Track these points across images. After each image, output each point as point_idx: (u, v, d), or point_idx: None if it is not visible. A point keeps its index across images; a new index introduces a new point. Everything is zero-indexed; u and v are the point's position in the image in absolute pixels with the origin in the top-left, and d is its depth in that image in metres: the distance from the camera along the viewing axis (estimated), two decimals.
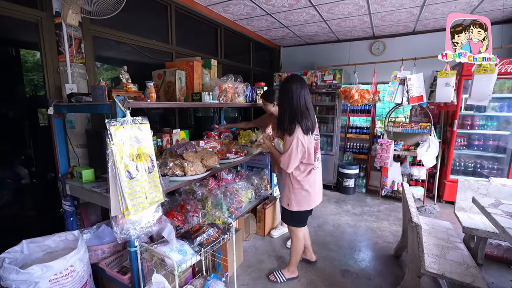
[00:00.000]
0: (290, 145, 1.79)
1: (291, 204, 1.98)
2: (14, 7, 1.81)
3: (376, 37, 4.65)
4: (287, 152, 1.82)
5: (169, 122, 3.32)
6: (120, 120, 1.37)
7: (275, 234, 2.89)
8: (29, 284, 1.32)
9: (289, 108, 1.82)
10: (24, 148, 2.35)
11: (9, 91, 2.44)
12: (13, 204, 2.24)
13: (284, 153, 1.84)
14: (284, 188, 2.03)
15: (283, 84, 1.86)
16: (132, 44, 2.69)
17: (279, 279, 2.14)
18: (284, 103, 1.83)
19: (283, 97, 1.85)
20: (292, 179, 1.95)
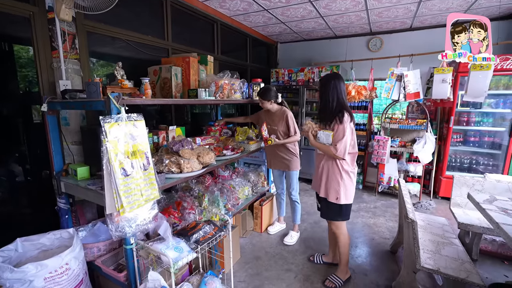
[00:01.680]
0: (344, 132, 1.81)
1: (340, 197, 1.93)
2: (5, 2, 1.78)
3: (373, 33, 4.64)
4: (342, 139, 1.81)
5: (165, 119, 3.30)
6: (115, 117, 1.35)
7: (272, 230, 2.89)
8: (23, 282, 1.31)
9: (337, 99, 1.88)
10: (18, 145, 2.32)
11: (2, 87, 2.40)
12: (7, 202, 2.22)
13: (339, 140, 1.82)
14: (331, 181, 1.95)
15: (328, 79, 1.90)
16: (127, 40, 2.65)
17: (337, 283, 2.06)
18: (330, 95, 1.87)
19: (330, 90, 1.88)
20: (342, 171, 1.92)
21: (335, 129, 1.84)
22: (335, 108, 1.88)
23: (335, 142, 1.85)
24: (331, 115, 1.87)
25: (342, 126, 1.82)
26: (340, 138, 1.82)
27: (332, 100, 1.89)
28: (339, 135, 1.83)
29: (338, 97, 1.89)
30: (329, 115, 1.89)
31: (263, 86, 2.63)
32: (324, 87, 1.90)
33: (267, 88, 2.49)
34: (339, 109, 1.88)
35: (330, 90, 1.88)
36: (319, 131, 1.92)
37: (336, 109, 1.88)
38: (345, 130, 1.82)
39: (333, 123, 1.86)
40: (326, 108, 1.90)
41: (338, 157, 1.85)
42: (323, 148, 1.92)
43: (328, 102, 1.89)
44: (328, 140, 1.88)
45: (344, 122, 1.83)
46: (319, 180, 2.03)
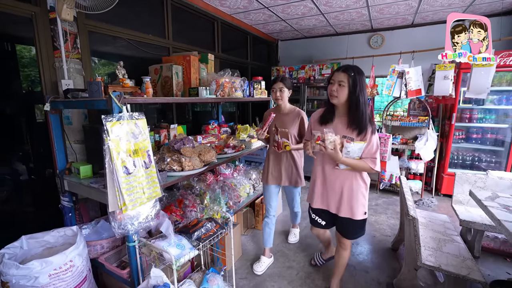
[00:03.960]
0: (377, 142, 1.56)
1: (366, 210, 1.72)
2: (7, 2, 1.79)
3: (374, 30, 4.61)
4: (376, 151, 1.56)
5: (166, 117, 3.31)
6: (117, 115, 1.37)
7: (259, 269, 2.31)
8: (29, 279, 1.33)
9: (365, 103, 1.52)
10: (22, 144, 2.35)
11: (6, 87, 2.42)
12: (12, 200, 2.25)
13: (376, 152, 1.55)
14: (356, 197, 1.65)
15: (360, 73, 1.52)
16: (128, 39, 2.66)
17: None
18: (364, 96, 1.51)
19: (363, 90, 1.51)
20: (365, 183, 1.68)
21: (369, 139, 1.52)
22: (369, 114, 1.54)
23: (371, 155, 1.55)
24: (365, 123, 1.51)
25: (376, 137, 1.55)
26: (376, 149, 1.55)
27: (365, 103, 1.52)
28: (373, 145, 1.54)
29: (366, 100, 1.54)
30: (363, 123, 1.51)
31: (283, 76, 2.35)
32: (357, 83, 1.48)
33: (287, 78, 2.17)
34: (370, 116, 1.56)
35: (363, 90, 1.50)
36: (349, 144, 1.49)
37: (369, 116, 1.54)
38: (377, 140, 1.57)
39: (366, 133, 1.51)
40: (359, 113, 1.50)
41: (373, 171, 1.57)
42: (357, 165, 1.55)
43: (363, 105, 1.50)
44: (358, 153, 1.54)
45: (375, 131, 1.56)
46: (337, 199, 1.69)
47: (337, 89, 1.51)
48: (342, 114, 1.60)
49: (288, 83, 2.12)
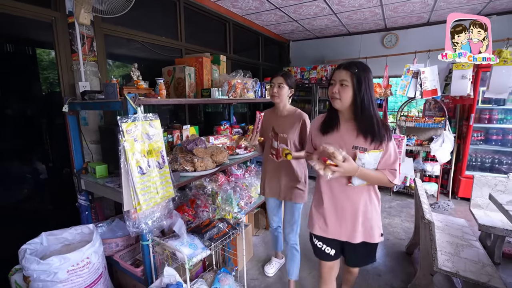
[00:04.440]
0: (395, 150, 1.31)
1: (381, 230, 1.46)
2: (30, 8, 1.86)
3: (388, 29, 4.52)
4: (396, 161, 1.31)
5: (179, 118, 3.36)
6: (132, 117, 1.40)
7: (270, 271, 2.31)
8: (48, 274, 1.38)
9: (373, 104, 1.27)
10: (42, 144, 2.44)
11: (27, 89, 2.52)
12: (32, 198, 2.34)
13: (395, 162, 1.30)
14: (371, 218, 1.37)
15: (367, 71, 1.25)
16: (142, 41, 2.72)
17: None
18: (368, 98, 1.24)
19: (371, 89, 1.26)
20: (379, 196, 1.43)
21: (386, 147, 1.27)
22: (380, 117, 1.29)
23: (389, 166, 1.29)
24: (378, 128, 1.25)
25: (393, 144, 1.31)
26: (394, 159, 1.30)
27: (374, 104, 1.27)
28: (392, 154, 1.29)
29: (374, 100, 1.30)
30: (375, 128, 1.25)
31: (286, 70, 1.93)
32: (362, 81, 1.22)
33: (290, 73, 1.85)
34: (380, 118, 1.30)
35: (371, 88, 1.25)
36: (362, 155, 1.24)
37: (381, 119, 1.29)
38: (394, 147, 1.31)
39: (381, 140, 1.24)
40: (369, 117, 1.24)
41: (392, 184, 1.32)
42: (375, 178, 1.28)
43: (372, 107, 1.25)
44: (374, 165, 1.29)
45: (392, 137, 1.31)
46: (350, 225, 1.37)
47: (339, 90, 1.24)
48: (348, 119, 1.31)
49: (290, 80, 1.78)
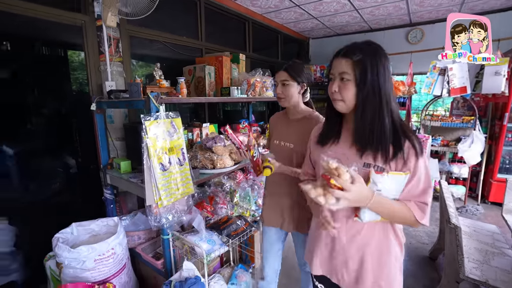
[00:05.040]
0: (426, 172, 0.87)
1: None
2: (63, 13, 1.98)
3: (413, 24, 4.32)
4: (427, 190, 0.87)
5: (199, 116, 3.43)
6: (154, 115, 1.45)
7: None
8: (78, 262, 1.47)
9: (388, 103, 0.86)
10: (72, 140, 2.59)
11: (59, 89, 2.69)
12: (63, 191, 2.50)
13: (427, 190, 0.88)
14: (388, 267, 0.95)
15: (372, 55, 0.84)
16: (164, 41, 2.80)
17: None
18: (379, 93, 0.84)
19: (382, 80, 0.84)
20: (402, 241, 1.01)
21: (414, 168, 0.85)
22: (401, 122, 0.89)
23: (417, 196, 0.88)
24: (393, 139, 0.86)
25: (424, 162, 0.87)
26: (426, 185, 0.87)
27: (389, 102, 0.85)
28: (423, 178, 0.87)
29: (390, 97, 0.87)
30: (386, 138, 0.85)
31: (293, 60, 1.40)
32: (368, 70, 0.83)
33: (299, 64, 1.37)
34: (401, 121, 0.89)
35: (384, 79, 0.84)
36: (379, 176, 0.84)
37: (403, 124, 0.89)
38: (426, 169, 0.88)
39: (404, 157, 0.84)
40: (380, 123, 0.84)
41: (419, 225, 0.88)
42: (396, 213, 0.87)
43: (387, 108, 0.85)
44: (395, 194, 0.87)
45: (424, 153, 0.88)
46: (354, 273, 0.96)
47: (339, 88, 0.87)
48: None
49: (297, 73, 1.32)
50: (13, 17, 1.80)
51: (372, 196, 0.80)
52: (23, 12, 1.78)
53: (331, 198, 0.76)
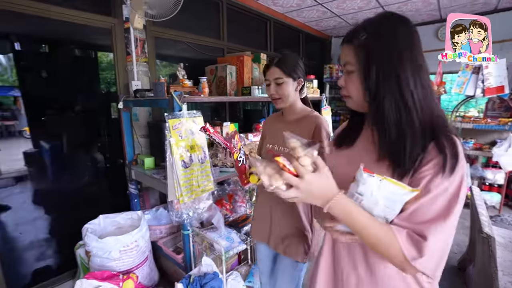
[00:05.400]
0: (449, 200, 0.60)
1: None
2: (95, 17, 2.09)
3: (444, 20, 4.08)
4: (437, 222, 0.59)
5: (219, 115, 3.48)
6: (177, 113, 1.49)
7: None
8: (104, 251, 1.56)
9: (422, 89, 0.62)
10: (100, 137, 2.74)
11: (90, 88, 2.85)
12: (92, 184, 2.65)
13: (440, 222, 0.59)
14: None
15: (380, 35, 0.63)
16: (188, 42, 2.87)
17: None
18: (401, 82, 0.61)
19: (401, 68, 0.61)
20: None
21: (430, 184, 0.59)
22: (422, 115, 0.62)
23: (419, 224, 0.59)
24: (414, 144, 0.61)
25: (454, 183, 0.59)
26: (444, 214, 0.59)
27: (403, 95, 0.61)
28: (441, 203, 0.59)
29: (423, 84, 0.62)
30: (402, 143, 0.62)
31: (283, 53, 1.21)
32: (376, 56, 0.63)
33: (291, 56, 1.20)
34: (431, 118, 0.63)
35: (400, 65, 0.61)
36: (370, 177, 0.59)
37: (426, 118, 0.62)
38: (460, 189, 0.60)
39: (421, 170, 0.61)
40: (389, 120, 0.63)
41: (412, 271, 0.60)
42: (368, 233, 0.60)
43: (404, 105, 0.62)
44: (390, 211, 0.61)
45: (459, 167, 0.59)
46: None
47: (345, 81, 0.71)
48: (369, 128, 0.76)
49: (290, 67, 1.14)
50: (51, 22, 1.93)
51: (335, 195, 0.59)
52: (61, 17, 1.90)
53: (277, 181, 0.58)
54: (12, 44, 2.90)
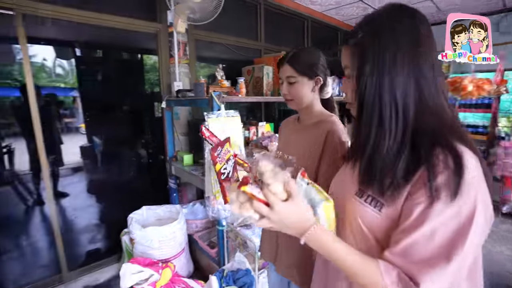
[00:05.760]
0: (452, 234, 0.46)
1: None
2: (143, 23, 2.27)
3: (509, 10, 3.63)
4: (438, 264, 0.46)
5: (255, 115, 3.53)
6: (216, 113, 1.55)
7: None
8: (146, 240, 1.68)
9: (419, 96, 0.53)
10: (144, 134, 2.96)
11: (136, 89, 3.08)
12: (136, 178, 2.87)
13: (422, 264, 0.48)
14: None
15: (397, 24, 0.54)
16: (227, 44, 2.96)
17: None
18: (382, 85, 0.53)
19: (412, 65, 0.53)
20: None
21: (426, 213, 0.47)
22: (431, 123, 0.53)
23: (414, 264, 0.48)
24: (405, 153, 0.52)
25: (466, 206, 0.46)
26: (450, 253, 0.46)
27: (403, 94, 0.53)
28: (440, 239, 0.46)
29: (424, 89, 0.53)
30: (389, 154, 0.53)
31: (298, 48, 1.06)
32: (375, 53, 0.54)
33: (306, 51, 1.05)
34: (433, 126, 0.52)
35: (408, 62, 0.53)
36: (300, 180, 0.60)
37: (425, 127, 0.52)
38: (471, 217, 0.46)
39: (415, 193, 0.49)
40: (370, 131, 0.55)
41: None
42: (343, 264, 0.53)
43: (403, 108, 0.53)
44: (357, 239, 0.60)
45: (465, 188, 0.45)
46: None
47: (345, 85, 0.66)
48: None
49: (306, 65, 0.99)
50: (104, 30, 2.14)
51: (310, 226, 0.53)
52: (113, 25, 2.10)
53: (248, 210, 0.52)
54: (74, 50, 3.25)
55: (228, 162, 0.86)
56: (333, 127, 0.95)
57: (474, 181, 0.46)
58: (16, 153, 3.06)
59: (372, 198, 0.55)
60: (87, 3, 1.97)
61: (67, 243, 2.07)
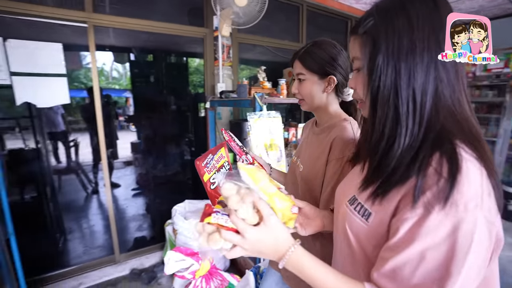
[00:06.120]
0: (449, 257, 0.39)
1: None
2: (191, 29, 2.42)
3: None
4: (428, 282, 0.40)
5: (294, 117, 3.54)
6: (258, 113, 1.59)
7: None
8: (188, 231, 1.79)
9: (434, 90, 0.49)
10: (188, 132, 3.15)
11: (182, 90, 3.30)
12: (179, 172, 3.07)
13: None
14: None
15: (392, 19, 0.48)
16: (268, 46, 3.02)
17: None
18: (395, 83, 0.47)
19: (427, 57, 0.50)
20: None
21: (415, 229, 0.41)
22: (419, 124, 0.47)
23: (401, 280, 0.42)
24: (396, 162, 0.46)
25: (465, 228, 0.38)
26: (445, 276, 0.39)
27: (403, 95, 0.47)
28: (431, 258, 0.40)
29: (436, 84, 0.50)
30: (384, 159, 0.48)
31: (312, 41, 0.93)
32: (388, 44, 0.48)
33: (319, 46, 0.90)
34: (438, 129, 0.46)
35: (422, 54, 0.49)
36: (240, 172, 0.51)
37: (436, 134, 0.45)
38: (470, 241, 0.38)
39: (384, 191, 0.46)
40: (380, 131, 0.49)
41: None
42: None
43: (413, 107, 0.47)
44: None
45: (457, 195, 0.39)
46: None
47: (355, 82, 0.57)
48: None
49: (317, 61, 0.87)
50: (155, 36, 2.33)
51: (287, 251, 0.49)
52: (165, 31, 2.27)
53: (217, 242, 0.48)
54: (129, 55, 3.58)
55: (220, 170, 0.82)
56: (339, 134, 0.81)
57: (473, 194, 0.39)
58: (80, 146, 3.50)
59: (361, 206, 0.51)
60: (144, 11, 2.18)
61: (119, 228, 2.30)
